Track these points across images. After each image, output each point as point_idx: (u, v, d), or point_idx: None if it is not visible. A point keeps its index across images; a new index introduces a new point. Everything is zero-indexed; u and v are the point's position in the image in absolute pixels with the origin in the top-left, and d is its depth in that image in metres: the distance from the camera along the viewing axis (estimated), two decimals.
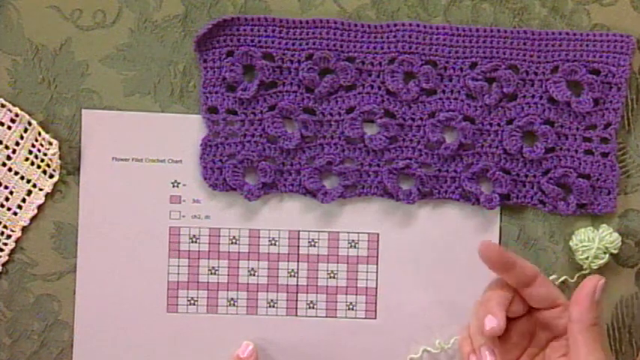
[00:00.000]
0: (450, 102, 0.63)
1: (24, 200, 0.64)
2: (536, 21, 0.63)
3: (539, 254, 0.64)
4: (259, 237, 0.64)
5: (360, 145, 0.63)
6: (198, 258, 0.64)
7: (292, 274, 0.65)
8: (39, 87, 0.64)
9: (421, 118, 0.63)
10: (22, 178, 0.64)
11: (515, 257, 0.55)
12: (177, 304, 0.64)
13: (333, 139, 0.63)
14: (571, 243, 0.63)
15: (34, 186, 0.64)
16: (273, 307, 0.65)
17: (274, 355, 0.64)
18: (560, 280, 0.64)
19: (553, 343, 0.57)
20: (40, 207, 0.64)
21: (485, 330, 0.54)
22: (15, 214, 0.64)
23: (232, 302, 0.64)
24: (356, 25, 0.63)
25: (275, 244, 0.64)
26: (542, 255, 0.64)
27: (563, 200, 0.63)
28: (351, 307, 0.65)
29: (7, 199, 0.64)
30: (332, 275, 0.65)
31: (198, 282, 0.64)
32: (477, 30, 0.63)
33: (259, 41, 0.63)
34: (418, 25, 0.63)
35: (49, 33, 0.63)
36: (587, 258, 0.62)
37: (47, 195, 0.64)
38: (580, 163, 0.63)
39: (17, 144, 0.63)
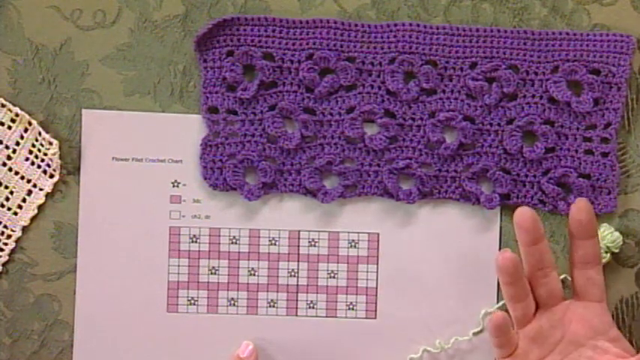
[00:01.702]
0: (450, 102, 0.63)
1: (24, 200, 0.64)
2: (537, 21, 0.64)
3: None
4: (259, 237, 0.64)
5: (360, 145, 0.63)
6: (199, 258, 0.64)
7: (292, 274, 0.65)
8: (39, 87, 0.64)
9: (421, 118, 0.63)
10: (23, 178, 0.64)
11: (543, 232, 0.55)
12: (177, 304, 0.64)
13: (333, 139, 0.63)
14: None
15: (35, 186, 0.64)
16: (274, 307, 0.65)
17: (274, 355, 0.64)
18: (560, 278, 0.64)
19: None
20: (40, 207, 0.64)
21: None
22: (15, 213, 0.64)
23: (232, 302, 0.64)
24: (356, 25, 0.63)
25: (275, 244, 0.64)
26: None
27: (564, 200, 0.63)
28: (351, 307, 0.65)
29: (7, 199, 0.64)
30: (332, 275, 0.65)
31: (198, 282, 0.64)
32: (477, 30, 0.63)
33: (259, 41, 0.63)
34: (418, 25, 0.63)
35: (49, 33, 0.63)
36: None
37: (47, 195, 0.64)
38: (580, 163, 0.63)
39: (17, 144, 0.63)
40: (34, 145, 0.63)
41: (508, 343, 0.57)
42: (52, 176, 0.64)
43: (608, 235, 0.62)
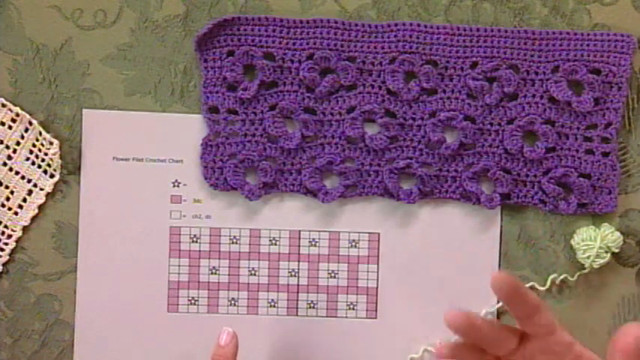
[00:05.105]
0: (451, 102, 0.63)
1: (25, 200, 0.64)
2: (537, 21, 0.64)
3: (540, 254, 0.64)
4: (260, 237, 0.64)
5: (361, 145, 0.63)
6: (199, 258, 0.64)
7: (293, 273, 0.65)
8: (40, 87, 0.64)
9: (422, 118, 0.63)
10: (23, 177, 0.64)
11: (525, 288, 0.51)
12: (177, 304, 0.64)
13: (333, 139, 0.63)
14: (572, 242, 0.63)
15: (35, 186, 0.64)
16: (274, 306, 0.65)
17: (274, 355, 0.64)
18: (560, 278, 0.64)
19: None
20: (40, 207, 0.64)
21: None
22: (16, 213, 0.64)
23: (233, 302, 0.64)
24: (357, 25, 0.63)
25: (276, 244, 0.64)
26: (543, 254, 0.64)
27: (564, 200, 0.63)
28: (351, 306, 0.65)
29: (7, 198, 0.64)
30: (332, 275, 0.65)
31: (198, 282, 0.64)
32: (478, 30, 0.63)
33: (260, 41, 0.63)
34: (419, 25, 0.63)
35: (50, 33, 0.63)
36: (588, 257, 0.62)
37: (48, 195, 0.64)
38: (581, 163, 0.63)
39: (18, 144, 0.63)
40: (34, 145, 0.63)
41: (486, 341, 0.56)
42: (52, 176, 0.64)
43: (609, 234, 0.62)
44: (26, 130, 0.63)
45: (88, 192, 0.64)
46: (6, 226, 0.64)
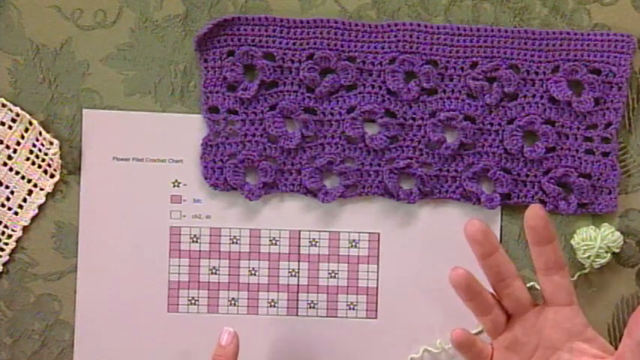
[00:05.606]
0: (451, 102, 0.63)
1: (25, 200, 0.64)
2: (537, 20, 0.64)
3: None
4: (260, 237, 0.64)
5: (361, 145, 0.63)
6: (199, 258, 0.64)
7: (293, 273, 0.65)
8: (40, 87, 0.64)
9: (422, 118, 0.63)
10: (23, 177, 0.64)
11: (497, 243, 0.54)
12: (177, 304, 0.64)
13: (333, 139, 0.63)
14: (573, 242, 0.63)
15: (35, 186, 0.64)
16: (274, 306, 0.65)
17: (274, 355, 0.64)
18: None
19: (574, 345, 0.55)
20: (40, 207, 0.64)
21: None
22: (16, 213, 0.64)
23: (233, 302, 0.64)
24: (357, 25, 0.63)
25: (276, 244, 0.64)
26: None
27: (564, 200, 0.63)
28: (351, 306, 0.65)
29: (7, 198, 0.64)
30: (333, 275, 0.65)
31: (199, 282, 0.64)
32: (478, 30, 0.63)
33: (260, 41, 0.63)
34: (419, 25, 0.63)
35: (50, 33, 0.63)
36: (589, 257, 0.62)
37: (48, 195, 0.64)
38: (581, 163, 0.63)
39: (18, 144, 0.63)
40: (34, 145, 0.63)
41: (479, 356, 0.57)
42: (52, 176, 0.64)
43: (609, 234, 0.62)
44: (26, 130, 0.63)
45: (88, 192, 0.64)
46: (6, 226, 0.64)
